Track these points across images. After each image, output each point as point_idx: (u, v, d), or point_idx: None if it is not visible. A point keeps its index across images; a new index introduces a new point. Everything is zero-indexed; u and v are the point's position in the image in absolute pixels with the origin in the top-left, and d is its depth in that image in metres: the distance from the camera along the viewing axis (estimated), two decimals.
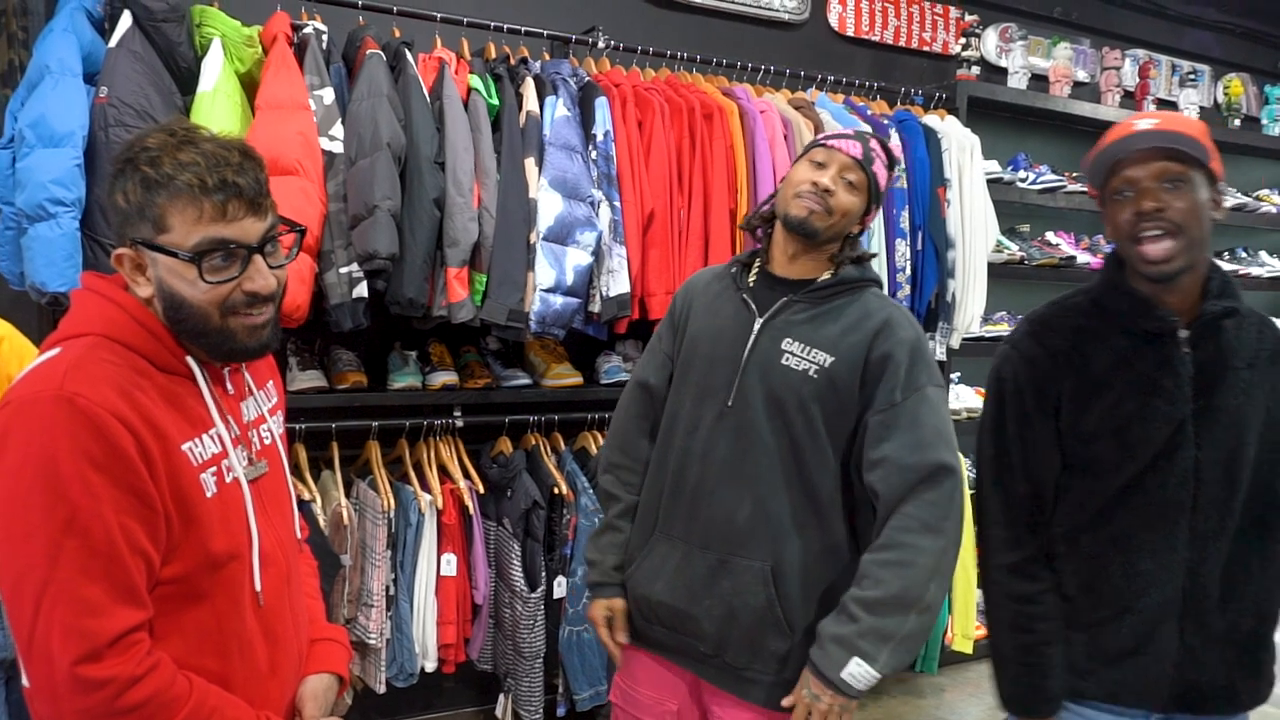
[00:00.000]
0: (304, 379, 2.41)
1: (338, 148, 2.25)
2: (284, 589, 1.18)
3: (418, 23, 2.58)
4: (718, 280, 1.67)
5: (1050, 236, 3.91)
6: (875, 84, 3.32)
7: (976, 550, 1.51)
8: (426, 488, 2.49)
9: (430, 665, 2.50)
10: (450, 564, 2.49)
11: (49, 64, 2.00)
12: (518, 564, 2.53)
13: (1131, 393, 1.37)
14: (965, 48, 3.46)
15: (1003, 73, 3.76)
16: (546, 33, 2.80)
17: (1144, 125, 1.33)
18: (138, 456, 0.98)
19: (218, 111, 2.12)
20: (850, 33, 3.59)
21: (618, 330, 2.70)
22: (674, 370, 1.68)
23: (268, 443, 1.21)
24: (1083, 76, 4.16)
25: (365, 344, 2.59)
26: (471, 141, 2.41)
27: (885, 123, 3.06)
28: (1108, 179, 1.36)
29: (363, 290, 2.28)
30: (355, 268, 2.26)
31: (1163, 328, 1.37)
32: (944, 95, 3.38)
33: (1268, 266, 4.49)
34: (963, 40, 3.48)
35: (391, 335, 2.63)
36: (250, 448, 1.17)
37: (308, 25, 2.36)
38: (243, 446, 1.15)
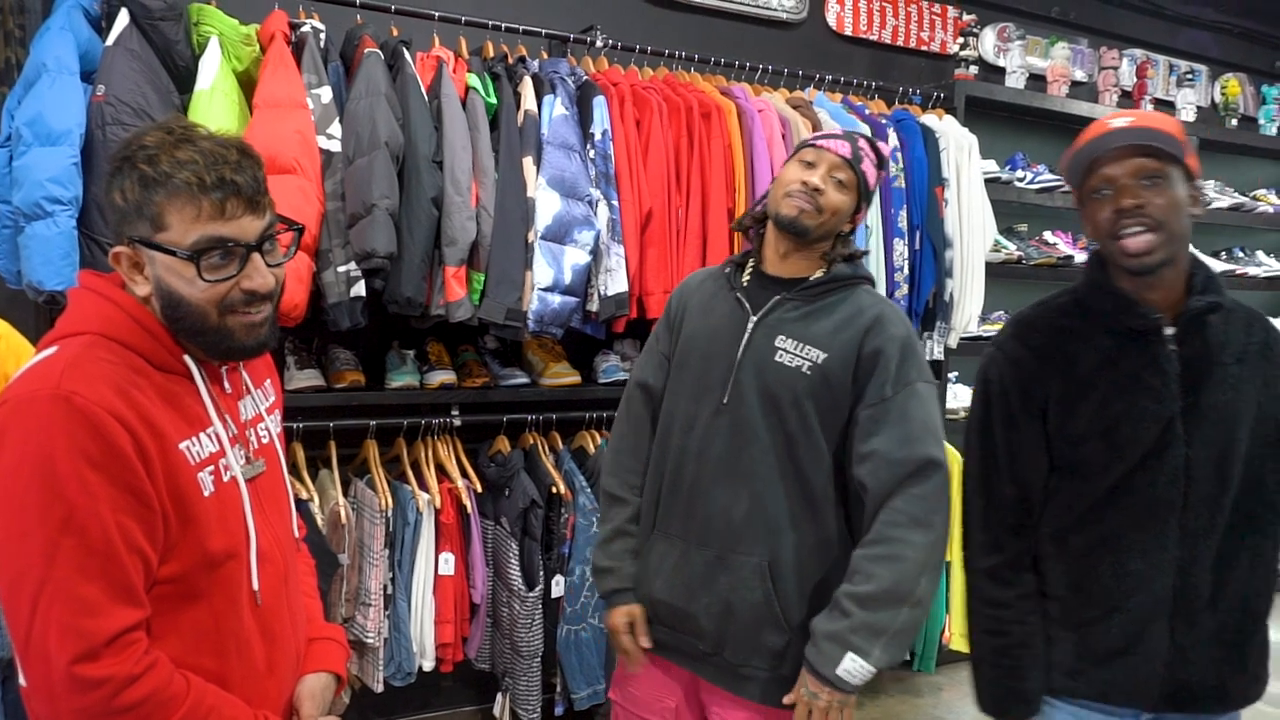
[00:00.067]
0: (302, 378, 2.41)
1: (335, 146, 2.25)
2: (281, 588, 1.18)
3: (416, 21, 2.58)
4: (712, 280, 1.69)
5: (1048, 236, 3.92)
6: (873, 83, 3.33)
7: (963, 553, 1.52)
8: (424, 487, 2.49)
9: (428, 664, 2.50)
10: (448, 563, 2.49)
11: (46, 62, 2.00)
12: (515, 563, 2.53)
13: (1118, 392, 1.37)
14: (963, 47, 3.46)
15: (1000, 72, 3.76)
16: (544, 31, 2.80)
17: (1119, 123, 1.34)
18: (135, 455, 0.97)
19: (215, 110, 2.11)
20: (848, 32, 3.59)
21: (616, 329, 2.70)
22: (670, 370, 1.68)
23: (265, 442, 1.21)
24: (1080, 76, 4.16)
25: (363, 343, 2.58)
26: (469, 140, 2.41)
27: (883, 122, 3.06)
28: (1085, 178, 1.36)
29: (360, 289, 2.28)
30: (353, 266, 2.26)
31: (1147, 325, 1.36)
32: (942, 95, 3.39)
33: (1265, 266, 4.50)
34: (960, 40, 3.48)
35: (389, 334, 2.63)
36: (248, 446, 1.17)
37: (305, 24, 2.35)
38: (240, 445, 1.15)
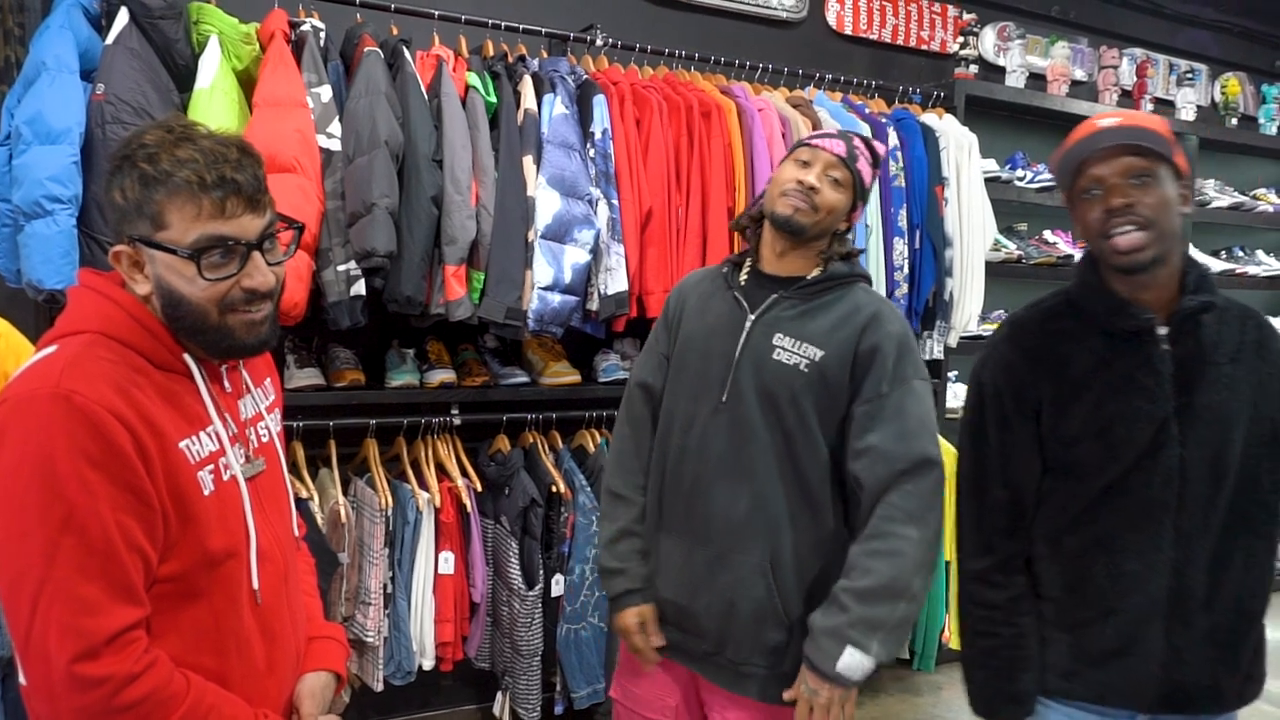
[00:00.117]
0: (301, 377, 2.41)
1: (335, 145, 2.25)
2: (281, 587, 1.18)
3: (415, 20, 2.58)
4: (709, 280, 1.70)
5: (1048, 235, 3.91)
6: (873, 82, 3.32)
7: (956, 554, 1.52)
8: (424, 486, 2.49)
9: (428, 663, 2.50)
10: (448, 562, 2.49)
11: (45, 61, 1.99)
12: (515, 562, 2.53)
13: (1112, 393, 1.36)
14: (963, 46, 3.46)
15: (1000, 71, 3.76)
16: (544, 30, 2.80)
17: (1107, 123, 1.34)
18: (135, 454, 0.97)
19: (215, 109, 2.11)
20: (848, 31, 3.59)
21: (615, 328, 2.70)
22: (669, 370, 1.68)
23: (265, 440, 1.21)
24: (1080, 75, 4.16)
25: (363, 342, 2.58)
26: (469, 139, 2.41)
27: (883, 121, 3.06)
28: (1074, 179, 1.36)
29: (360, 288, 2.28)
30: (353, 265, 2.26)
31: (1140, 326, 1.36)
32: (942, 94, 3.38)
33: (1264, 265, 4.50)
34: (960, 39, 3.48)
35: (389, 333, 2.63)
36: (248, 445, 1.17)
37: (305, 22, 2.35)
38: (240, 444, 1.15)
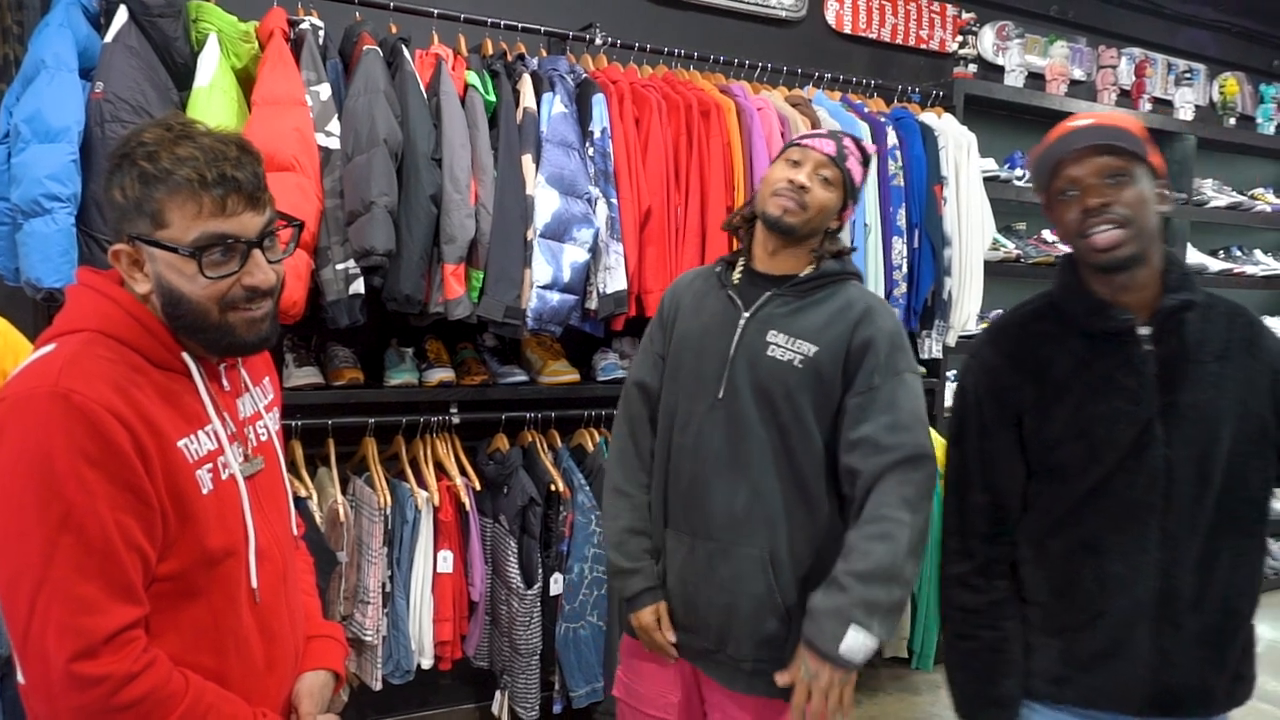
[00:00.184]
0: (300, 375, 2.41)
1: (334, 144, 2.25)
2: (280, 586, 1.18)
3: (414, 19, 2.58)
4: (702, 280, 1.72)
5: (1046, 235, 3.91)
6: (872, 81, 3.33)
7: (940, 557, 1.52)
8: (423, 484, 2.49)
9: (427, 662, 2.50)
10: (447, 561, 2.49)
11: (44, 59, 1.99)
12: (514, 561, 2.53)
13: (1093, 395, 1.35)
14: (962, 45, 3.46)
15: (999, 71, 3.76)
16: (544, 29, 2.79)
17: (1081, 124, 1.34)
18: (133, 453, 0.97)
19: (214, 107, 2.11)
20: (847, 30, 3.59)
21: (614, 327, 2.70)
22: (665, 369, 1.70)
23: (264, 439, 1.21)
24: (1079, 75, 4.16)
25: (362, 341, 2.58)
26: (468, 138, 2.40)
27: (882, 120, 3.06)
28: (1051, 180, 1.36)
29: (359, 287, 2.28)
30: (352, 264, 2.25)
31: (1119, 326, 1.35)
32: (941, 93, 3.39)
33: (1262, 265, 4.51)
34: (959, 38, 3.48)
35: (388, 332, 2.63)
36: (246, 444, 1.17)
37: (304, 21, 2.35)
38: (239, 443, 1.15)
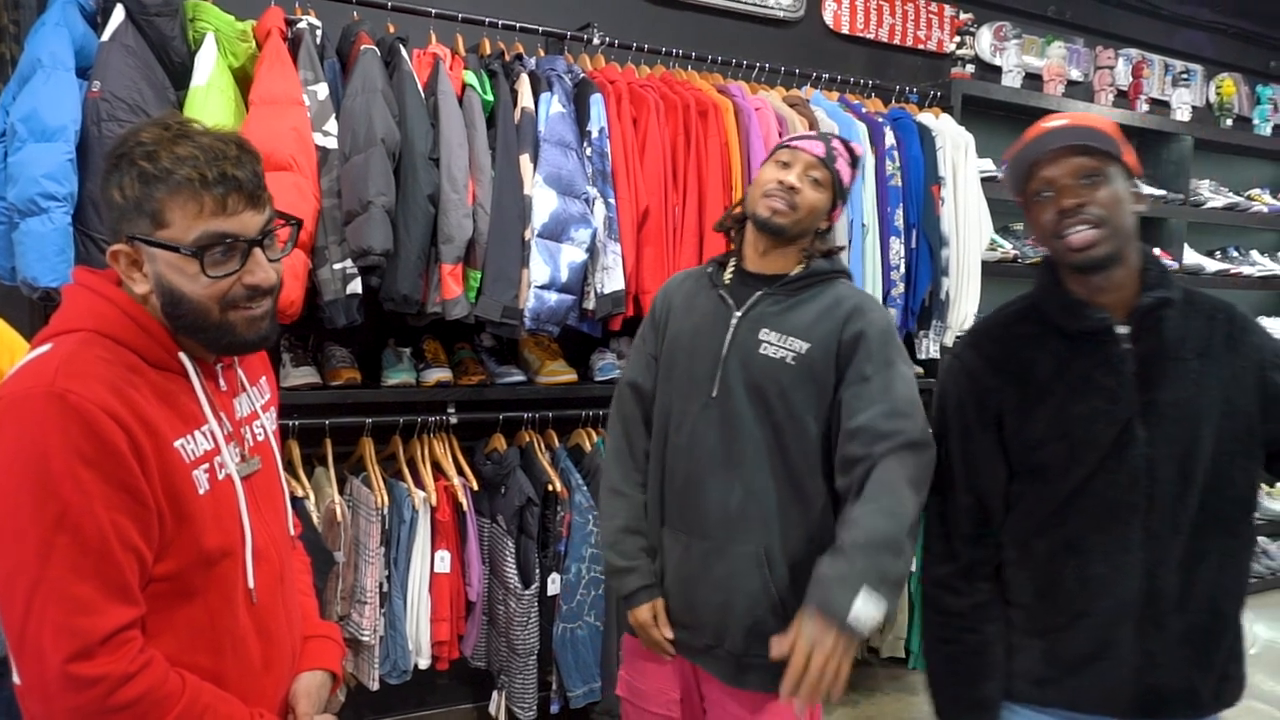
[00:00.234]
0: (297, 375, 2.40)
1: (332, 143, 2.25)
2: (277, 586, 1.18)
3: (412, 18, 2.57)
4: (693, 280, 1.73)
5: None
6: (870, 82, 3.33)
7: (922, 559, 1.52)
8: (420, 484, 2.49)
9: (424, 662, 2.50)
10: (444, 561, 2.49)
11: (41, 58, 1.99)
12: (512, 561, 2.53)
13: (1073, 396, 1.36)
14: (960, 46, 3.47)
15: (997, 71, 3.77)
16: (541, 29, 2.79)
17: (1055, 125, 1.35)
18: (130, 453, 0.97)
19: (211, 106, 2.10)
20: (845, 30, 3.59)
21: (612, 327, 2.70)
22: (658, 370, 1.70)
23: (260, 439, 1.21)
24: (1076, 76, 4.16)
25: (359, 340, 2.58)
26: (466, 138, 2.40)
27: (880, 120, 3.06)
28: (1026, 182, 1.37)
29: (357, 286, 2.27)
30: (349, 264, 2.25)
31: (1096, 326, 1.35)
32: (938, 93, 3.39)
33: (1259, 265, 4.51)
34: (957, 38, 3.49)
35: (385, 332, 2.62)
36: (243, 444, 1.16)
37: (302, 20, 2.34)
38: (235, 443, 1.14)
